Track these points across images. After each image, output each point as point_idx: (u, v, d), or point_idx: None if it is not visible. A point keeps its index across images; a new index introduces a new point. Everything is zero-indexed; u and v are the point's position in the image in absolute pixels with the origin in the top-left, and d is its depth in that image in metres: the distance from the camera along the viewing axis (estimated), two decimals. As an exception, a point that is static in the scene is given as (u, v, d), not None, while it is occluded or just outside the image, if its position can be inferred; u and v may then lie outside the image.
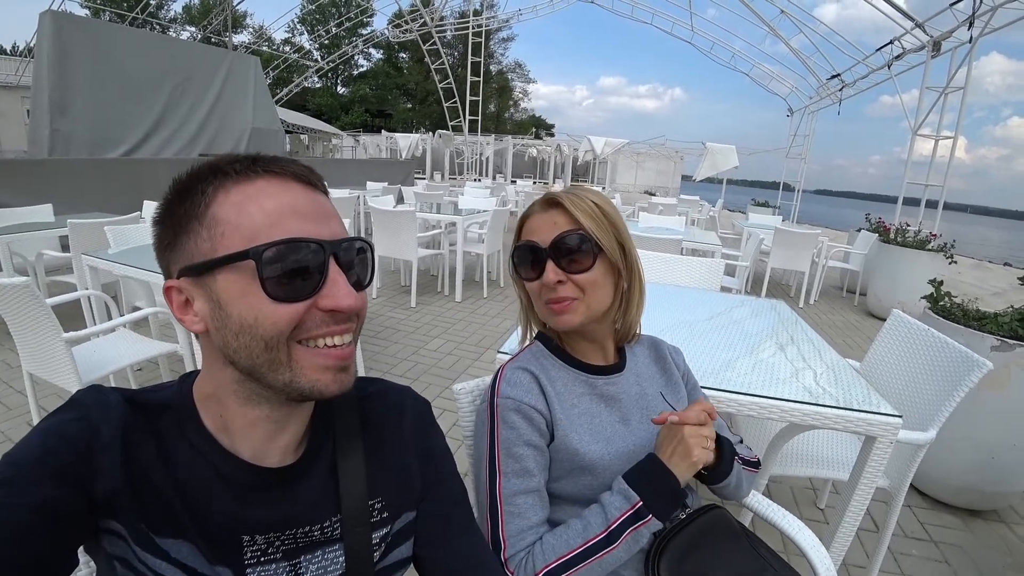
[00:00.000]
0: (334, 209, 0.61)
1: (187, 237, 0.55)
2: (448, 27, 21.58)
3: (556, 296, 0.91)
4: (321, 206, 0.58)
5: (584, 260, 0.90)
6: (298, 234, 0.54)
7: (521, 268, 0.96)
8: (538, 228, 0.93)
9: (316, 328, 0.55)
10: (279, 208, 0.54)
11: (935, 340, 1.79)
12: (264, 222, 0.53)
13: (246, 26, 35.71)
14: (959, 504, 2.42)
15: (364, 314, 0.63)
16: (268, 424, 0.60)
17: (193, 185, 0.55)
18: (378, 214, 5.04)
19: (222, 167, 0.56)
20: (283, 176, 0.56)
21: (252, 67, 12.14)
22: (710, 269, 2.90)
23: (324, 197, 0.60)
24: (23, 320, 2.12)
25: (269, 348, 0.54)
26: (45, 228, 3.99)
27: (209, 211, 0.54)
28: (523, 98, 51.82)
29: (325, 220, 0.57)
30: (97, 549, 0.57)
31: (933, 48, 7.42)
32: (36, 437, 0.53)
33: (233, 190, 0.54)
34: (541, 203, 0.96)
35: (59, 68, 8.32)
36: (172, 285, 0.56)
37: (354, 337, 0.60)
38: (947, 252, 5.37)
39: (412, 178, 13.11)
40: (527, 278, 0.95)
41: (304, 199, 0.57)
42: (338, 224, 0.59)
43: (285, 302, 0.53)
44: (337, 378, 0.57)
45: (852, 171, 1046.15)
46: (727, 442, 0.97)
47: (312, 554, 0.63)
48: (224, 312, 0.54)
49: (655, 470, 0.87)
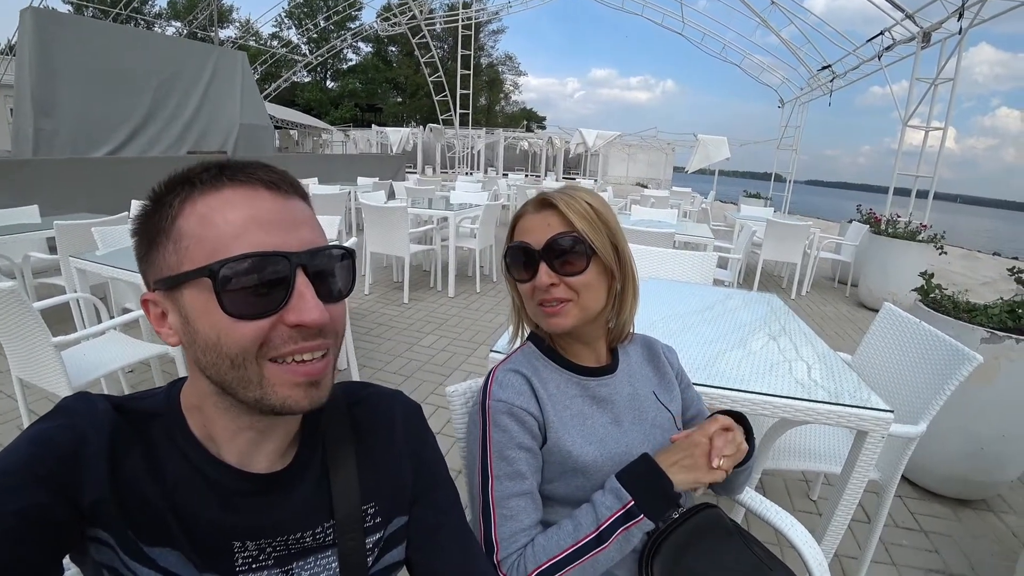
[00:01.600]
0: (310, 215, 0.59)
1: (157, 251, 0.54)
2: (438, 20, 21.44)
3: (549, 298, 0.91)
4: (291, 213, 0.56)
5: (577, 262, 0.90)
6: (262, 246, 0.52)
7: (513, 269, 0.95)
8: (531, 229, 0.92)
9: (284, 345, 0.53)
10: (243, 219, 0.52)
11: (926, 333, 1.80)
12: (227, 234, 0.51)
13: (232, 21, 35.40)
14: (949, 494, 2.45)
15: (342, 326, 0.60)
16: (251, 433, 0.60)
17: (163, 197, 0.54)
18: (369, 210, 5.02)
19: (191, 177, 0.54)
20: (250, 184, 0.54)
21: (239, 63, 12.03)
22: (703, 262, 2.91)
23: (298, 202, 0.58)
24: (10, 325, 2.09)
25: (236, 366, 0.52)
26: (31, 230, 3.94)
27: (175, 224, 0.53)
28: (514, 91, 51.65)
29: (294, 228, 0.55)
30: (83, 558, 0.56)
31: (923, 39, 7.44)
32: (23, 444, 0.52)
33: (199, 202, 0.53)
34: (534, 203, 0.95)
35: (42, 66, 8.21)
36: (147, 298, 0.57)
37: (331, 351, 0.58)
38: (937, 243, 5.41)
39: (403, 173, 13.06)
40: (519, 279, 0.94)
41: (272, 207, 0.54)
42: (311, 231, 0.57)
43: (247, 319, 0.51)
44: (308, 394, 0.55)
45: (843, 161, 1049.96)
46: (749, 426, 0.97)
47: (304, 560, 0.63)
48: (192, 328, 0.53)
49: (649, 470, 0.87)
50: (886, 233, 5.78)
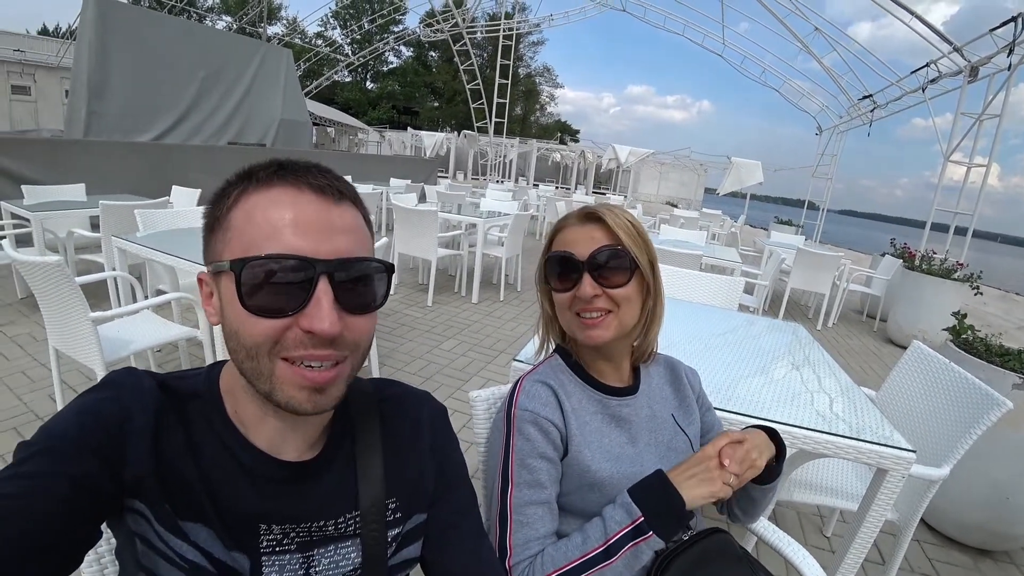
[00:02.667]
0: (354, 223, 0.59)
1: (213, 236, 0.59)
2: (479, 29, 21.69)
3: (590, 308, 0.92)
4: (331, 219, 0.56)
5: (621, 275, 0.92)
6: (292, 248, 0.53)
7: (553, 279, 0.96)
8: (575, 240, 0.94)
9: (295, 348, 0.55)
10: (281, 219, 0.54)
11: (955, 375, 1.76)
12: (264, 232, 0.54)
13: (280, 18, 36.26)
14: (970, 543, 2.38)
15: (365, 338, 0.60)
16: (276, 422, 0.62)
17: (228, 187, 0.58)
18: (400, 211, 5.09)
19: (253, 172, 0.58)
20: (297, 186, 0.56)
21: (284, 59, 12.34)
22: (729, 287, 2.88)
23: (345, 209, 0.58)
24: (53, 297, 2.17)
25: (251, 357, 0.55)
26: (77, 207, 4.10)
27: (228, 215, 0.57)
28: (550, 102, 51.84)
29: (330, 235, 0.55)
30: (120, 525, 0.59)
31: (970, 74, 7.28)
32: (72, 413, 0.56)
33: (251, 197, 0.56)
34: (578, 216, 0.96)
35: (99, 52, 8.55)
36: (201, 277, 0.61)
37: (347, 362, 0.59)
38: (973, 282, 5.27)
39: (435, 177, 13.20)
40: (559, 289, 0.95)
41: (312, 211, 0.55)
42: (349, 240, 0.57)
43: (263, 317, 0.54)
44: (312, 398, 0.56)
45: (879, 192, 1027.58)
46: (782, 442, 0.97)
47: (325, 548, 0.65)
48: (224, 314, 0.57)
49: (661, 487, 0.87)
50: (920, 269, 5.64)
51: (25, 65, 19.01)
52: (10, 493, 0.47)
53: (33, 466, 0.50)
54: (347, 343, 0.57)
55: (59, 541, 0.49)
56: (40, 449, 0.51)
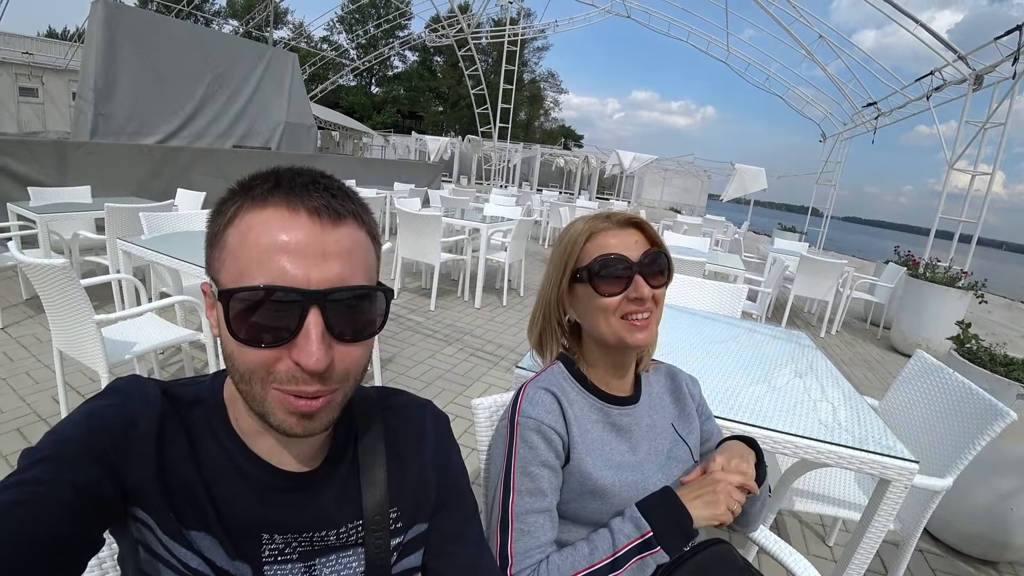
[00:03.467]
0: (350, 246, 0.55)
1: (212, 250, 0.57)
2: (484, 34, 21.77)
3: (640, 310, 0.93)
4: (324, 245, 0.53)
5: (662, 278, 0.95)
6: (283, 276, 0.51)
7: (601, 282, 0.94)
8: (619, 244, 0.94)
9: (288, 381, 0.53)
10: (272, 245, 0.52)
11: (959, 385, 1.75)
12: (254, 258, 0.52)
13: (287, 22, 36.47)
14: (973, 553, 2.36)
15: (356, 367, 0.58)
16: (275, 434, 0.61)
17: (227, 200, 0.57)
18: (404, 216, 5.10)
19: (251, 186, 0.55)
20: (292, 207, 0.53)
21: (290, 63, 12.40)
22: (732, 294, 2.88)
23: (344, 229, 0.55)
24: (58, 299, 2.19)
25: (244, 381, 0.55)
26: (83, 209, 4.12)
27: (225, 232, 0.55)
28: (554, 108, 51.99)
29: (323, 261, 0.53)
30: (123, 532, 0.59)
31: (975, 82, 7.27)
32: (78, 419, 0.56)
33: (247, 216, 0.54)
34: (617, 221, 0.97)
35: (106, 55, 8.61)
36: (205, 287, 0.59)
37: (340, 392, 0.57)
38: (977, 290, 5.25)
39: (439, 181, 13.22)
40: (608, 293, 0.93)
41: (305, 236, 0.52)
42: (343, 265, 0.54)
43: (253, 347, 0.53)
44: (302, 423, 0.55)
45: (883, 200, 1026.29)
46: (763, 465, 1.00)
47: (327, 558, 0.65)
48: (221, 334, 0.56)
49: (670, 504, 0.89)
50: (924, 277, 5.63)
51: (33, 67, 19.12)
52: (14, 499, 0.47)
53: (38, 472, 0.50)
54: (335, 376, 0.55)
55: (63, 547, 0.49)
56: (45, 456, 0.52)
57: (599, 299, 0.94)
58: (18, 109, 18.63)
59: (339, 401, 0.58)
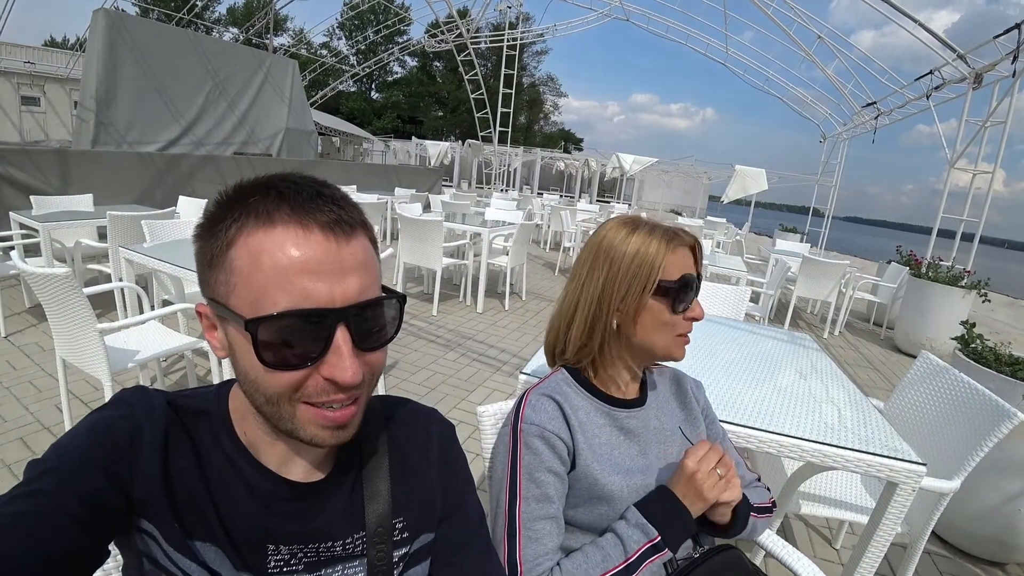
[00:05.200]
0: (363, 258, 0.56)
1: (212, 272, 0.55)
2: (483, 39, 21.82)
3: (690, 329, 0.99)
4: (342, 260, 0.53)
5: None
6: (306, 295, 0.51)
7: (678, 302, 0.96)
8: (686, 265, 0.98)
9: (318, 395, 0.54)
10: (290, 265, 0.51)
11: (964, 386, 1.75)
12: (272, 281, 0.51)
13: (287, 29, 36.63)
14: (982, 555, 2.35)
15: (380, 369, 0.61)
16: (285, 446, 0.62)
17: (222, 215, 0.54)
18: (405, 221, 5.10)
19: (249, 200, 0.53)
20: (304, 225, 0.52)
21: (290, 70, 12.44)
22: (735, 296, 2.88)
23: (355, 242, 0.55)
24: (60, 308, 2.19)
25: (271, 403, 0.55)
26: (85, 218, 4.12)
27: (229, 252, 0.53)
28: (554, 111, 52.08)
29: (342, 277, 0.53)
30: (128, 544, 0.59)
31: (975, 80, 7.27)
32: (83, 431, 0.56)
33: (253, 235, 0.52)
34: (687, 243, 0.99)
35: (108, 64, 8.65)
36: (201, 309, 0.58)
37: (364, 394, 0.59)
38: (980, 289, 5.23)
39: (440, 186, 13.24)
40: (679, 311, 0.97)
41: (322, 253, 0.52)
42: (361, 278, 0.54)
43: (282, 371, 0.53)
44: (335, 434, 0.57)
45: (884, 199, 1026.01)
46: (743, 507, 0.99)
47: (332, 568, 0.65)
48: (239, 362, 0.55)
49: (671, 505, 0.90)
50: (927, 276, 5.61)
51: (35, 76, 19.23)
52: (20, 511, 0.47)
53: (43, 484, 0.50)
54: (366, 382, 0.57)
55: (67, 559, 0.48)
56: (50, 467, 0.51)
57: (670, 315, 0.96)
58: (20, 118, 18.73)
59: (363, 404, 0.60)
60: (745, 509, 1.00)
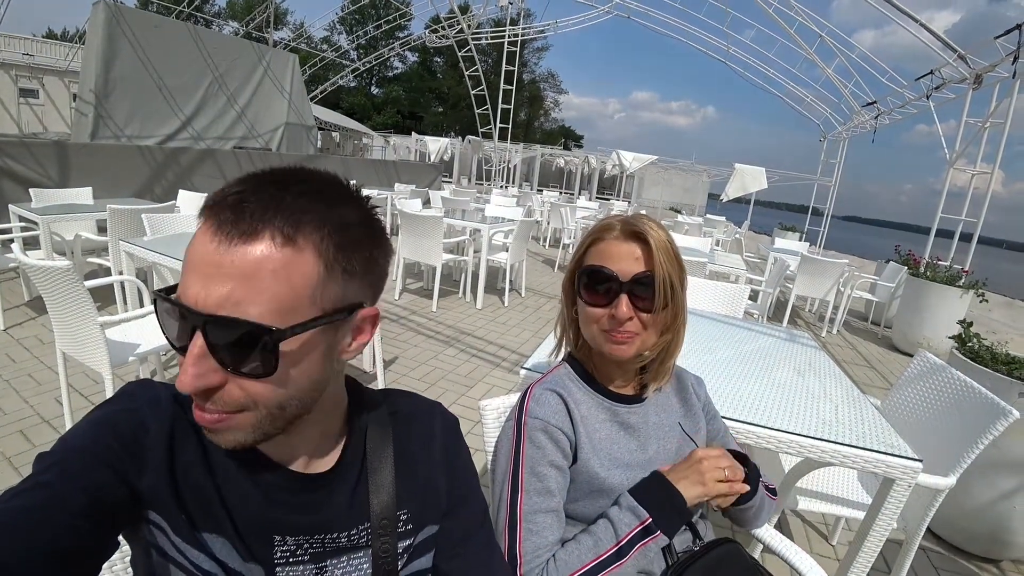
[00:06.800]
0: (248, 268, 0.48)
1: None
2: (484, 35, 21.77)
3: (618, 329, 0.91)
4: (219, 264, 0.48)
5: (654, 302, 0.90)
6: (184, 290, 0.50)
7: (588, 292, 0.94)
8: (616, 256, 0.92)
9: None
10: (187, 257, 0.51)
11: (961, 384, 1.76)
12: (183, 268, 0.52)
13: (287, 23, 36.50)
14: (976, 551, 2.37)
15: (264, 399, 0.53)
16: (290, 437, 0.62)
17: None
18: (406, 217, 5.11)
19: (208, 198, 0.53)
20: (210, 220, 0.50)
21: (290, 64, 12.43)
22: (735, 295, 2.88)
23: (247, 249, 0.49)
24: (61, 301, 2.19)
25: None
26: (85, 211, 4.12)
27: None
28: (554, 108, 52.02)
29: (209, 281, 0.49)
30: (136, 536, 0.60)
31: (975, 81, 7.28)
32: (89, 425, 0.57)
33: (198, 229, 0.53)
34: (624, 231, 0.93)
35: (107, 56, 8.64)
36: None
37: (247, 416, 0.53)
38: (978, 289, 5.25)
39: (440, 182, 13.23)
40: (592, 303, 0.93)
41: (204, 252, 0.49)
42: (228, 290, 0.48)
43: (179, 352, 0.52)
44: (214, 437, 0.55)
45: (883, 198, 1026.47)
46: (754, 466, 1.01)
47: (338, 559, 0.66)
48: None
49: (662, 487, 0.91)
50: (925, 276, 5.63)
51: (34, 69, 19.16)
52: (28, 504, 0.48)
53: (50, 477, 0.51)
54: (223, 401, 0.52)
55: (77, 551, 0.49)
56: (57, 460, 0.52)
57: (587, 308, 0.94)
58: (19, 110, 18.66)
59: (248, 423, 0.53)
60: (755, 472, 1.01)
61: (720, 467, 0.92)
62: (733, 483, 0.92)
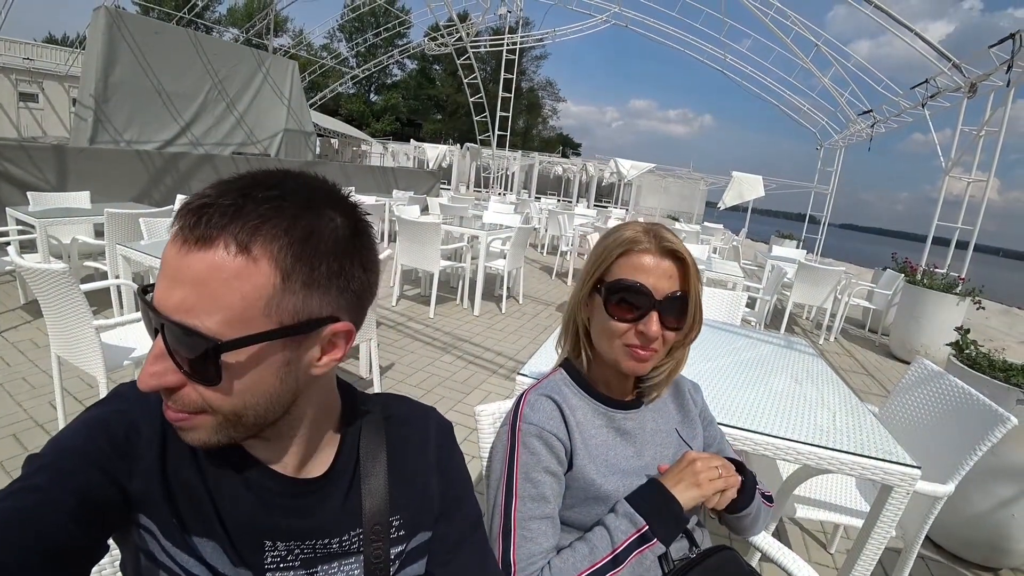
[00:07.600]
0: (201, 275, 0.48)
1: None
2: (483, 43, 21.88)
3: (643, 346, 0.90)
4: (178, 268, 0.48)
5: (680, 322, 0.90)
6: (155, 291, 0.50)
7: (615, 306, 0.90)
8: (651, 272, 0.89)
9: None
10: (161, 258, 0.51)
11: (959, 391, 1.76)
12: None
13: (287, 30, 36.63)
14: (975, 560, 2.36)
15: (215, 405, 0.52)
16: (282, 441, 0.62)
17: None
18: (404, 223, 5.11)
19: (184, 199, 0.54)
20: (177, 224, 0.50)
21: (290, 71, 12.47)
22: (732, 302, 2.89)
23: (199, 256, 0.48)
24: (57, 304, 2.18)
25: None
26: (82, 215, 4.11)
27: None
28: (552, 116, 52.23)
29: (168, 285, 0.49)
30: (126, 539, 0.59)
31: (970, 90, 7.33)
32: (81, 426, 0.56)
33: None
34: (659, 248, 0.90)
35: (107, 61, 8.66)
36: None
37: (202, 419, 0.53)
38: (975, 297, 5.27)
39: (438, 189, 13.26)
40: (619, 318, 0.90)
41: (174, 256, 0.49)
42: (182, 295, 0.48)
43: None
44: (182, 435, 0.54)
45: (879, 207, 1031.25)
46: (750, 473, 1.00)
47: (329, 565, 0.65)
48: None
49: (659, 494, 0.90)
50: (922, 283, 5.65)
51: (33, 73, 19.20)
52: (19, 506, 0.48)
53: (41, 479, 0.50)
54: (182, 401, 0.51)
55: (67, 553, 0.49)
56: (48, 462, 0.52)
57: (610, 321, 0.91)
58: (18, 114, 18.68)
59: (209, 425, 0.53)
60: (751, 479, 1.00)
61: (713, 466, 0.92)
62: (728, 477, 0.93)
